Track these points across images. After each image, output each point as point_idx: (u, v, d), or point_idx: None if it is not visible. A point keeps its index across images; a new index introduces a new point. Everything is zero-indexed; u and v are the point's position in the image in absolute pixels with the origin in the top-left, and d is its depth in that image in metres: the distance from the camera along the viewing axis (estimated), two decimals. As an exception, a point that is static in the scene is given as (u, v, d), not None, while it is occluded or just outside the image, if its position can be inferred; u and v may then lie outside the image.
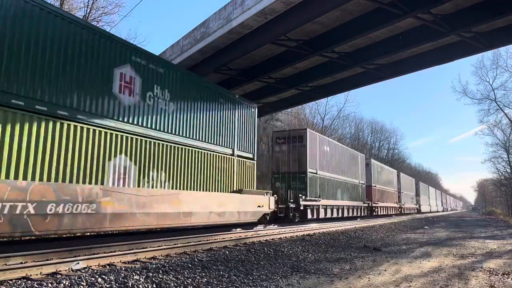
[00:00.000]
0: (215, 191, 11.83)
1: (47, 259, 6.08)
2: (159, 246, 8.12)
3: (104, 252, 6.99)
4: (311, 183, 18.99)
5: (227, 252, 7.86)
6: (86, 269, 5.70)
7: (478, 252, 9.97)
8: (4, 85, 6.54)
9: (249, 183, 13.86)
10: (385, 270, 6.76)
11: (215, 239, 9.88)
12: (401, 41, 17.23)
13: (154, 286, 4.92)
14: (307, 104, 43.22)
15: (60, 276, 5.20)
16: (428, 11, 14.38)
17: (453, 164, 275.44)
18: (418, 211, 49.04)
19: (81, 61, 7.97)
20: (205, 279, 5.39)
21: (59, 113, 7.37)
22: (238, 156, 13.34)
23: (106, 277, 5.04)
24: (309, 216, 18.38)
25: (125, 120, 8.90)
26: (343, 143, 40.50)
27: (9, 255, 5.85)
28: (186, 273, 5.70)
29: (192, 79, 11.56)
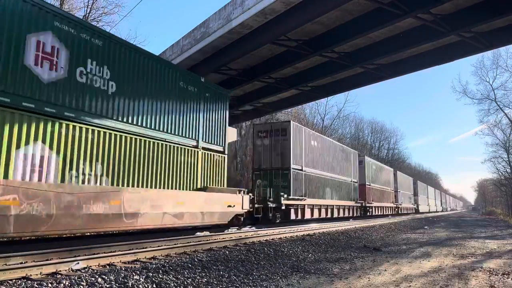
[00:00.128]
0: (173, 188, 10.29)
1: (47, 259, 6.08)
2: (159, 246, 8.11)
3: (104, 252, 6.99)
4: (295, 181, 17.48)
5: (227, 252, 7.86)
6: (86, 269, 5.70)
7: (478, 252, 9.97)
8: None
9: (218, 180, 12.30)
10: (385, 270, 6.76)
11: (215, 239, 9.88)
12: (401, 41, 17.22)
13: (154, 286, 4.92)
14: (307, 104, 43.30)
15: (60, 276, 5.19)
16: (428, 11, 14.39)
17: (453, 164, 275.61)
18: (416, 211, 48.50)
19: None
20: (205, 279, 5.40)
21: None
22: (204, 148, 11.79)
23: (106, 277, 5.04)
24: (293, 217, 17.06)
25: (44, 99, 7.37)
26: (343, 143, 40.34)
27: (9, 255, 5.85)
28: (186, 273, 5.70)
29: (143, 55, 9.89)
